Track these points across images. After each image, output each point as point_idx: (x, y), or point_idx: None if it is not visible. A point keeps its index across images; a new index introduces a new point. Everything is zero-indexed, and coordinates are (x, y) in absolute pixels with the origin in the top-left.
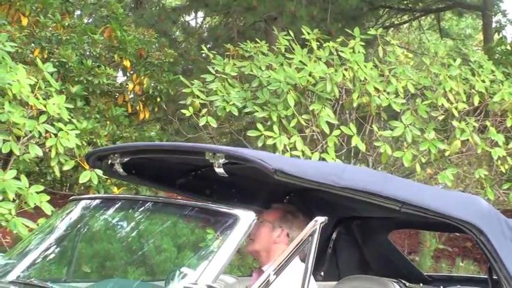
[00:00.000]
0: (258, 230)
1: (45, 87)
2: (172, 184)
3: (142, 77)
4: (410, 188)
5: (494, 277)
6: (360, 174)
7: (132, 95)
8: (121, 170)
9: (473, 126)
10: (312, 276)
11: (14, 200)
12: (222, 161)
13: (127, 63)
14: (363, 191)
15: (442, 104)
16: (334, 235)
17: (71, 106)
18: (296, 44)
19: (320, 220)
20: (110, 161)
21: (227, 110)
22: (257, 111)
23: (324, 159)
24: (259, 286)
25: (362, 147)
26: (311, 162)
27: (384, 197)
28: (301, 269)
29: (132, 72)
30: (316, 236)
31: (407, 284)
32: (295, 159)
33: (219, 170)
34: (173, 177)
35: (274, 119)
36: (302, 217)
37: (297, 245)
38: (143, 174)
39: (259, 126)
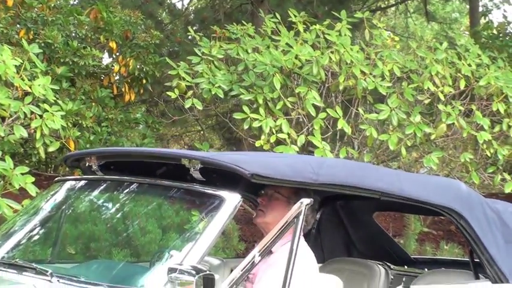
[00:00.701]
0: (270, 203)
1: (31, 68)
2: (152, 174)
3: (128, 59)
4: (389, 176)
5: (476, 260)
6: (338, 168)
7: (117, 77)
8: (99, 171)
9: (459, 110)
10: (311, 254)
11: None
12: (198, 166)
13: (113, 44)
14: (341, 185)
15: (428, 88)
16: (318, 215)
17: (56, 87)
18: (282, 27)
19: (306, 202)
20: (87, 163)
21: (213, 93)
22: (243, 93)
23: (310, 141)
24: (244, 267)
25: (348, 130)
26: (287, 159)
27: (363, 188)
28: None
29: (117, 53)
30: (301, 217)
31: (391, 266)
32: (270, 158)
33: (196, 175)
34: (153, 167)
35: (260, 101)
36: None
37: (283, 226)
38: (122, 169)
39: (245, 108)
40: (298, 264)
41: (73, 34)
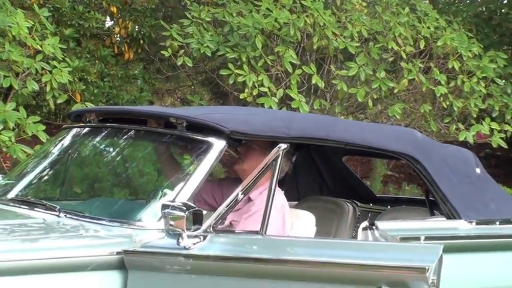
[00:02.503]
0: (247, 152)
1: (41, 29)
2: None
3: (127, 22)
4: (353, 128)
5: (432, 198)
6: (307, 123)
7: (118, 38)
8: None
9: (419, 67)
10: (282, 197)
11: (13, 129)
12: (184, 124)
13: (114, 9)
14: (311, 138)
15: (392, 48)
16: (294, 158)
17: (64, 47)
18: None
19: (283, 147)
20: (87, 119)
21: (202, 52)
22: (228, 52)
23: (287, 94)
24: (229, 203)
25: (321, 84)
26: (262, 115)
27: (330, 140)
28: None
29: (118, 17)
30: (279, 160)
31: (359, 204)
32: (247, 115)
33: (183, 131)
34: (145, 123)
35: (244, 59)
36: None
37: (262, 168)
38: (119, 121)
39: (231, 66)
40: (275, 203)
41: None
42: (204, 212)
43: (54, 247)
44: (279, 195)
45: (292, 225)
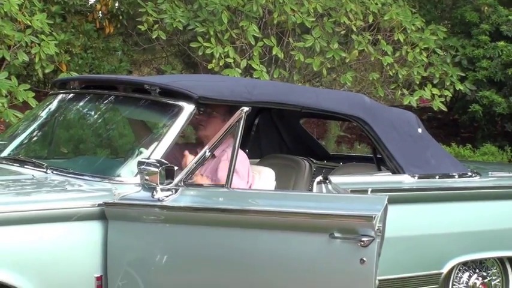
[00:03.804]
0: (208, 119)
1: (30, 6)
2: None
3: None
4: (308, 93)
5: (379, 156)
6: (267, 89)
7: (100, 14)
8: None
9: (368, 39)
10: (243, 154)
11: (6, 96)
12: (158, 91)
13: None
14: (270, 102)
15: (344, 22)
16: (256, 121)
17: (51, 22)
18: None
19: (245, 109)
20: (71, 86)
21: (174, 26)
22: (198, 26)
23: (250, 65)
24: (197, 160)
25: (280, 55)
26: (226, 82)
27: (287, 104)
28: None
29: None
30: (242, 121)
31: (314, 161)
32: (214, 82)
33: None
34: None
35: (212, 33)
36: None
37: (227, 129)
38: (100, 88)
39: (200, 39)
40: (238, 158)
41: None
42: (176, 168)
43: (43, 200)
44: (240, 152)
45: (254, 180)
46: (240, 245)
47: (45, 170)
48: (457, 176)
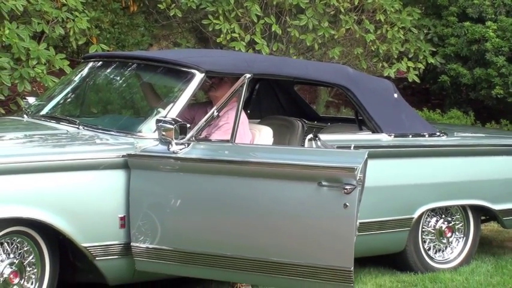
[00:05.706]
0: (220, 83)
1: None
2: None
3: None
4: (300, 65)
5: (360, 118)
6: (265, 62)
7: None
8: None
9: (354, 19)
10: (244, 115)
11: (45, 64)
12: (170, 66)
13: None
14: (267, 74)
15: (333, 3)
16: (257, 87)
17: (83, 1)
18: None
19: (247, 76)
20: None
21: (188, 5)
22: (208, 6)
23: (253, 39)
24: (207, 119)
25: (279, 32)
26: (229, 57)
27: (282, 75)
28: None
29: None
30: (245, 86)
31: (306, 121)
32: (218, 57)
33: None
34: None
35: (220, 12)
36: None
37: (232, 92)
38: None
39: (210, 17)
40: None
41: None
42: (188, 125)
43: (75, 151)
44: (242, 113)
45: (255, 136)
46: (241, 191)
47: (77, 126)
48: (427, 135)
